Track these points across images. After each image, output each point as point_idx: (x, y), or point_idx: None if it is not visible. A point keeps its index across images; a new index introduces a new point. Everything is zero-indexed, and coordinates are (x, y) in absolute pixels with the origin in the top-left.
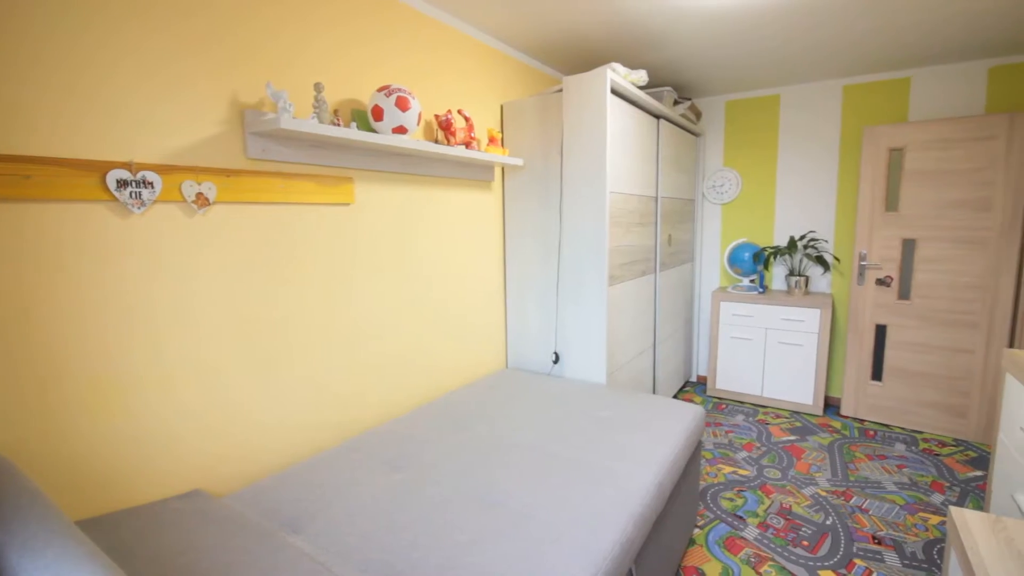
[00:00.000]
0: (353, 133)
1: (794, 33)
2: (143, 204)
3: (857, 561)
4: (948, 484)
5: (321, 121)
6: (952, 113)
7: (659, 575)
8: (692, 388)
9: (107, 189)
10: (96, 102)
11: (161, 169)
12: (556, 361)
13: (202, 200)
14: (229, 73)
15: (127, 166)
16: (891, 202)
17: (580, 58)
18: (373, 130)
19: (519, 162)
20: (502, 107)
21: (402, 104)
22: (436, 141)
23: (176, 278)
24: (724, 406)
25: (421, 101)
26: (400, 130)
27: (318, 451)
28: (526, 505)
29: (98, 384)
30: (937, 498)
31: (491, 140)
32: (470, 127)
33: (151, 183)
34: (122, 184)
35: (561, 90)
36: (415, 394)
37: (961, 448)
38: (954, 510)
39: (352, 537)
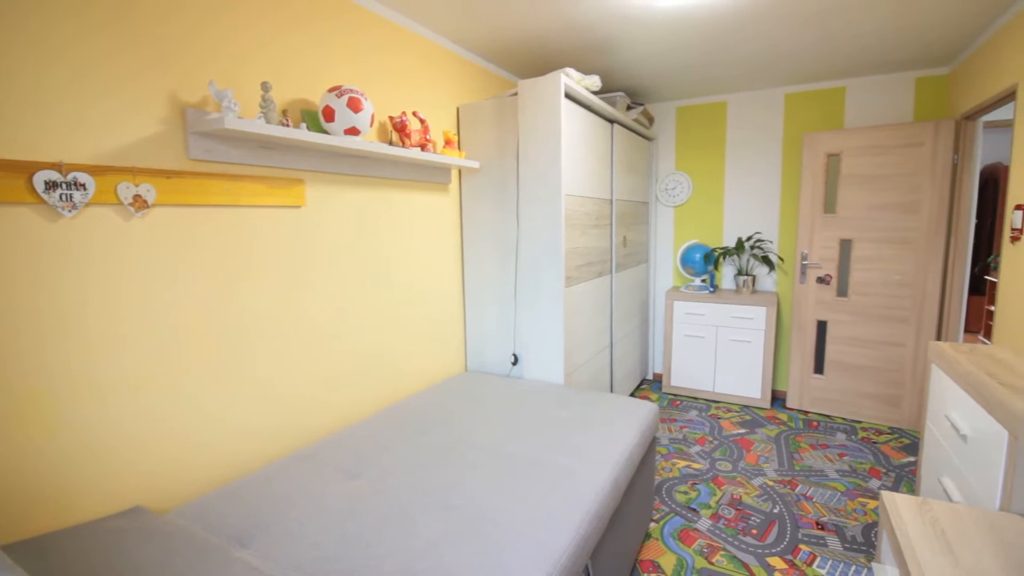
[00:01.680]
0: (303, 134)
1: (739, 43)
2: (75, 207)
3: (802, 547)
4: (884, 470)
5: (268, 121)
6: (884, 121)
7: (615, 570)
8: (648, 385)
9: (34, 191)
10: (22, 98)
11: (94, 170)
12: (515, 363)
13: (140, 202)
14: (168, 70)
15: (56, 167)
16: (829, 204)
17: (535, 62)
18: (324, 131)
19: (475, 165)
20: (458, 109)
21: (354, 105)
22: (391, 143)
23: (112, 284)
24: (679, 402)
25: (375, 103)
26: (352, 131)
27: (271, 460)
28: (484, 507)
29: (26, 397)
30: (874, 483)
31: (447, 142)
32: (425, 129)
33: (83, 185)
34: (51, 186)
35: (516, 94)
36: (373, 399)
37: (896, 436)
38: (885, 494)
39: (305, 548)
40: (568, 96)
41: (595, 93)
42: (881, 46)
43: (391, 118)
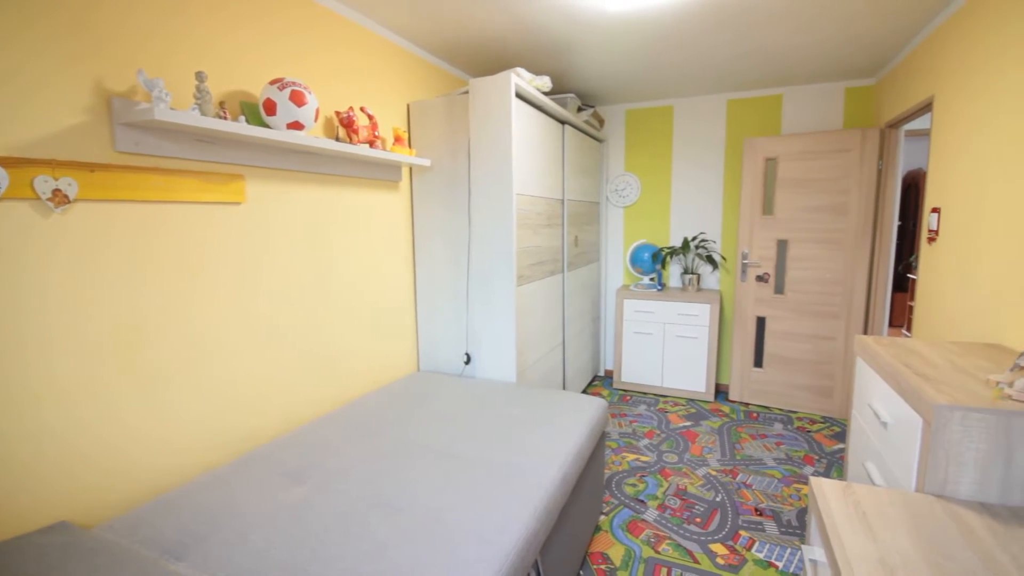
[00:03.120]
0: (241, 127)
1: (683, 50)
2: None
3: (742, 532)
4: (817, 457)
5: (204, 113)
6: (816, 128)
7: (565, 563)
8: (600, 382)
9: None
10: None
11: (8, 162)
12: (468, 362)
13: (60, 198)
14: (92, 56)
15: None
16: (767, 206)
17: (486, 61)
18: (265, 125)
19: (426, 162)
20: (408, 107)
21: (297, 99)
22: (337, 139)
23: (30, 284)
24: (629, 397)
25: (321, 97)
26: (295, 126)
27: (211, 468)
28: (433, 507)
29: None
30: (808, 470)
31: (397, 139)
32: (374, 125)
33: None
34: None
35: (467, 92)
36: (322, 401)
37: (828, 424)
38: (813, 480)
39: (245, 557)
40: (519, 96)
41: (546, 94)
42: (813, 57)
43: (338, 113)
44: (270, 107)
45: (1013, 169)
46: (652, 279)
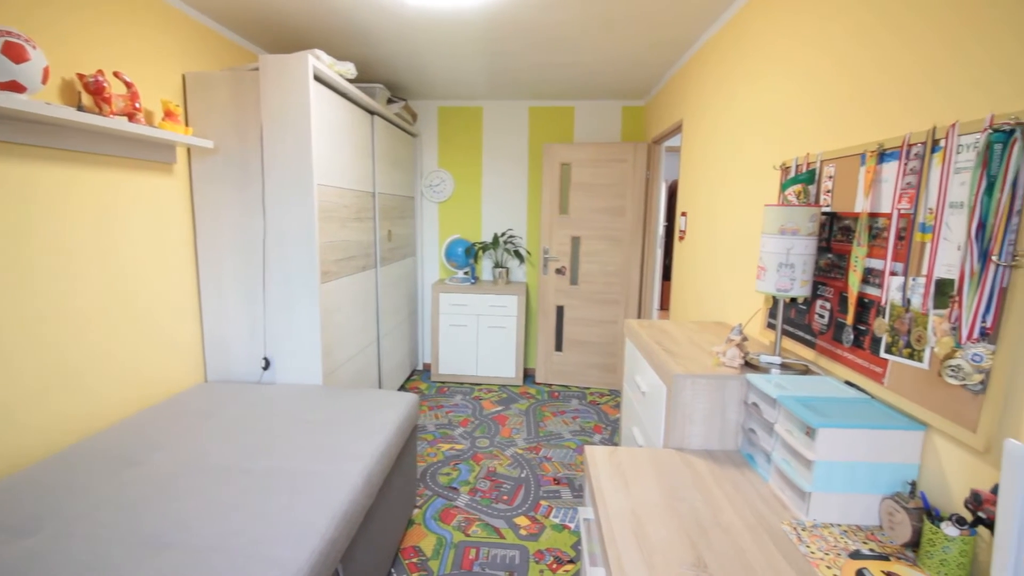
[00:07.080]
0: None
1: (487, 55)
2: None
3: (542, 502)
4: (604, 426)
5: None
6: (600, 139)
7: (373, 564)
8: (419, 376)
9: None
10: None
11: None
12: (266, 367)
13: None
14: None
15: None
16: (563, 206)
17: (282, 38)
18: None
19: (208, 144)
20: (184, 77)
21: (15, 53)
22: (81, 108)
23: None
24: (446, 389)
25: (58, 56)
26: (13, 87)
27: None
28: (210, 537)
29: None
30: (597, 438)
31: (168, 115)
32: (134, 95)
33: None
34: None
35: (258, 68)
36: (65, 429)
37: (613, 396)
38: (587, 448)
39: None
40: (319, 80)
41: (352, 82)
42: (595, 76)
43: (81, 76)
44: None
45: (725, 184)
46: (466, 273)
